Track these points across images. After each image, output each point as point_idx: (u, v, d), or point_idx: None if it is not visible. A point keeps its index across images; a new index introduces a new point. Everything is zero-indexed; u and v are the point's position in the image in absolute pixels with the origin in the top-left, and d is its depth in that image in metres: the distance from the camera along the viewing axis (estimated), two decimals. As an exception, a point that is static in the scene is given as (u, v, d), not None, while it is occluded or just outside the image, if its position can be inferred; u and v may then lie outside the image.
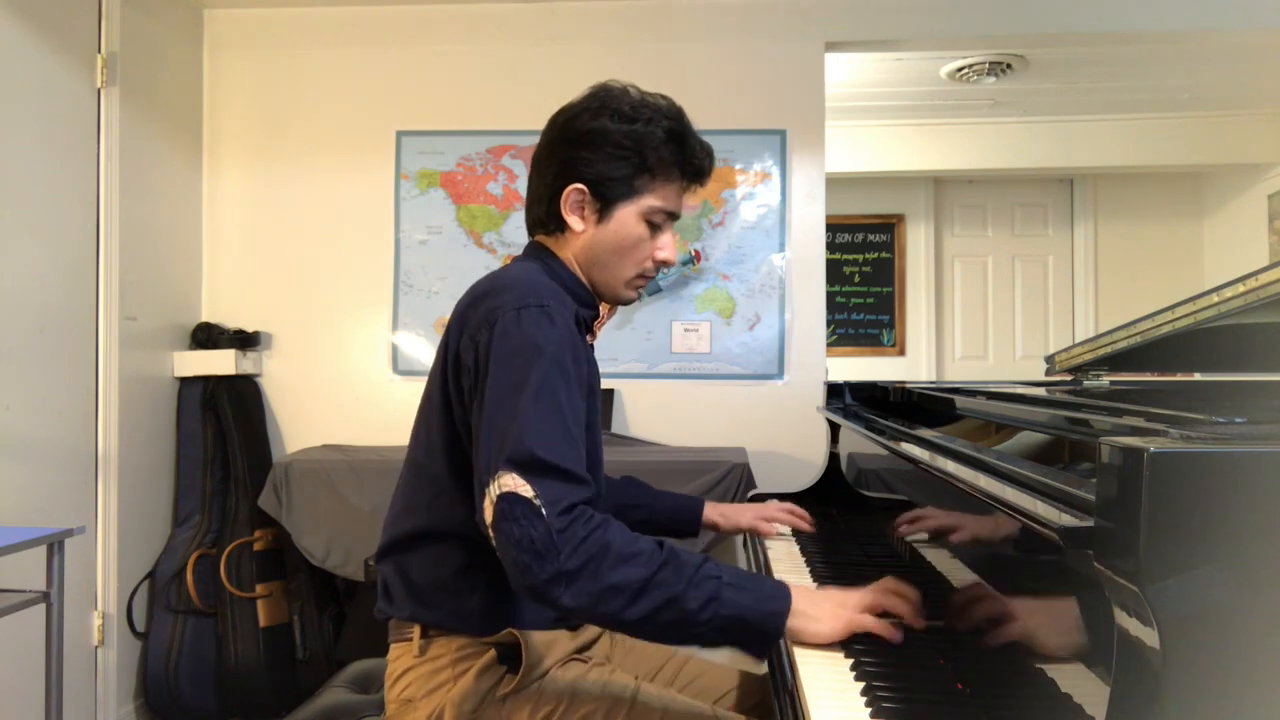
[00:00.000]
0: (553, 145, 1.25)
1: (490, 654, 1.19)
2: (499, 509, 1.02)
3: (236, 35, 3.10)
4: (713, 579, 1.03)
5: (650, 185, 1.24)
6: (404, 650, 1.22)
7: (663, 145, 1.22)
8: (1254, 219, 4.65)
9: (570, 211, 1.24)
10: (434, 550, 1.20)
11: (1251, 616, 0.64)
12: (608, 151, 1.21)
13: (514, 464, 1.03)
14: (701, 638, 1.04)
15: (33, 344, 2.33)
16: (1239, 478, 0.65)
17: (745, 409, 2.95)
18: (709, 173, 1.29)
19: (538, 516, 1.00)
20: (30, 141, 2.33)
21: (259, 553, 2.80)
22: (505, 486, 1.02)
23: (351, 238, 3.06)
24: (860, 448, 1.77)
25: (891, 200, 5.20)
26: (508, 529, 1.01)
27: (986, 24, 2.97)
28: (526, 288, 1.16)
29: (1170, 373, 2.00)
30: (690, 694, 1.34)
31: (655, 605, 1.01)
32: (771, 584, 1.09)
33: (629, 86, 1.26)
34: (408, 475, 1.26)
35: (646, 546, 1.04)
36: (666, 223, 1.27)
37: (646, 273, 1.29)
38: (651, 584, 1.01)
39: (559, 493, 1.02)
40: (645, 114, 1.22)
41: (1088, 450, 0.92)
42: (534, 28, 3.03)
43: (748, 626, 1.04)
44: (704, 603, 1.02)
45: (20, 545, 1.73)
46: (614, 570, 1.01)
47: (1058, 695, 0.79)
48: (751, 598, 1.04)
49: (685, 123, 1.26)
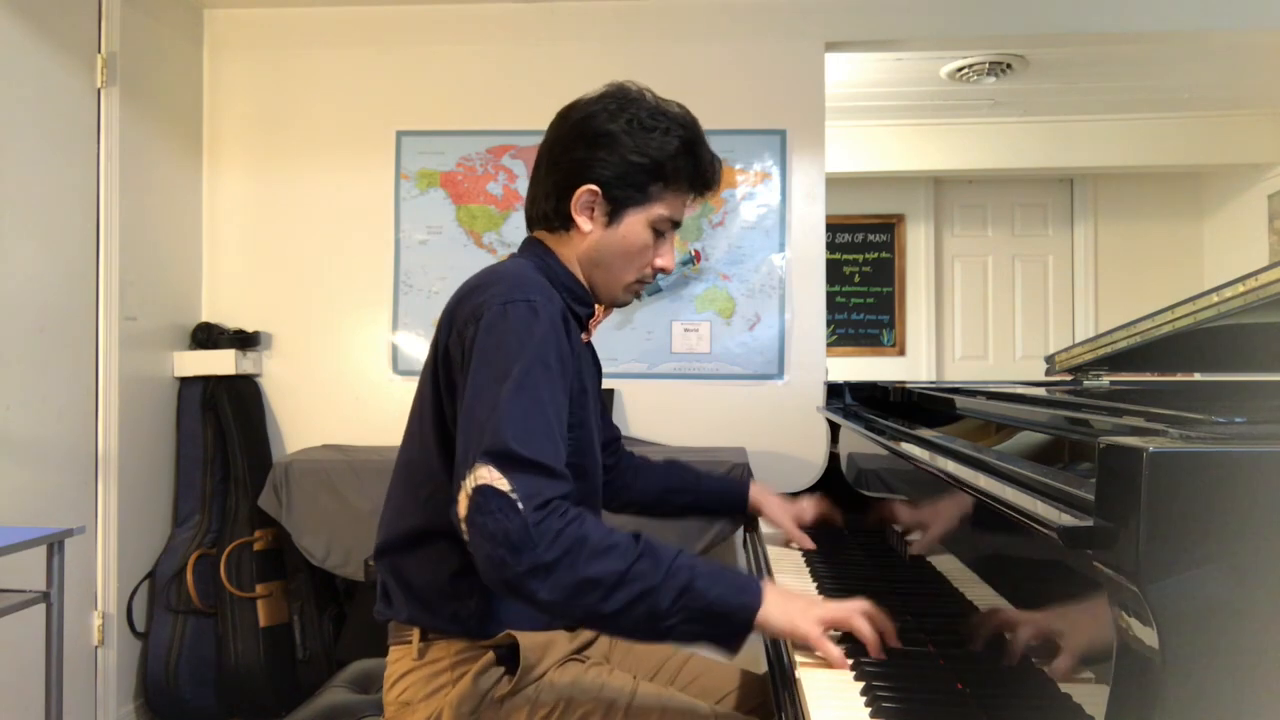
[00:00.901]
0: (567, 142, 1.24)
1: (488, 656, 1.19)
2: (474, 502, 1.02)
3: (236, 35, 3.10)
4: (685, 569, 1.03)
5: (662, 194, 1.24)
6: (403, 653, 1.22)
7: (679, 156, 1.22)
8: (1254, 219, 4.65)
9: (580, 211, 1.23)
10: (430, 551, 1.20)
11: (1251, 616, 0.64)
12: (625, 156, 1.20)
13: (491, 456, 1.02)
14: (674, 631, 1.03)
15: (33, 344, 2.33)
16: (1238, 477, 0.65)
17: (745, 409, 2.95)
18: (716, 185, 1.29)
19: (514, 510, 1.00)
20: (30, 141, 2.33)
21: (259, 553, 2.80)
22: (481, 479, 1.02)
23: (351, 238, 3.06)
24: (860, 448, 1.77)
25: (891, 200, 5.20)
26: (482, 522, 1.00)
27: (986, 24, 2.97)
28: (513, 283, 1.16)
29: (1170, 373, 2.00)
30: (690, 694, 1.33)
31: (631, 598, 1.00)
32: (744, 578, 1.08)
33: (645, 90, 1.25)
34: (401, 473, 1.25)
35: (622, 540, 1.04)
36: (670, 231, 1.28)
37: (645, 278, 1.29)
38: (628, 577, 1.01)
39: (535, 487, 1.02)
40: (664, 123, 1.22)
41: (1088, 450, 0.92)
42: (534, 28, 3.03)
43: (717, 618, 1.03)
44: (677, 594, 1.01)
45: (20, 545, 1.73)
46: (590, 563, 1.00)
47: (1058, 695, 0.79)
48: (722, 588, 1.04)
49: (699, 134, 1.26)
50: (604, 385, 2.92)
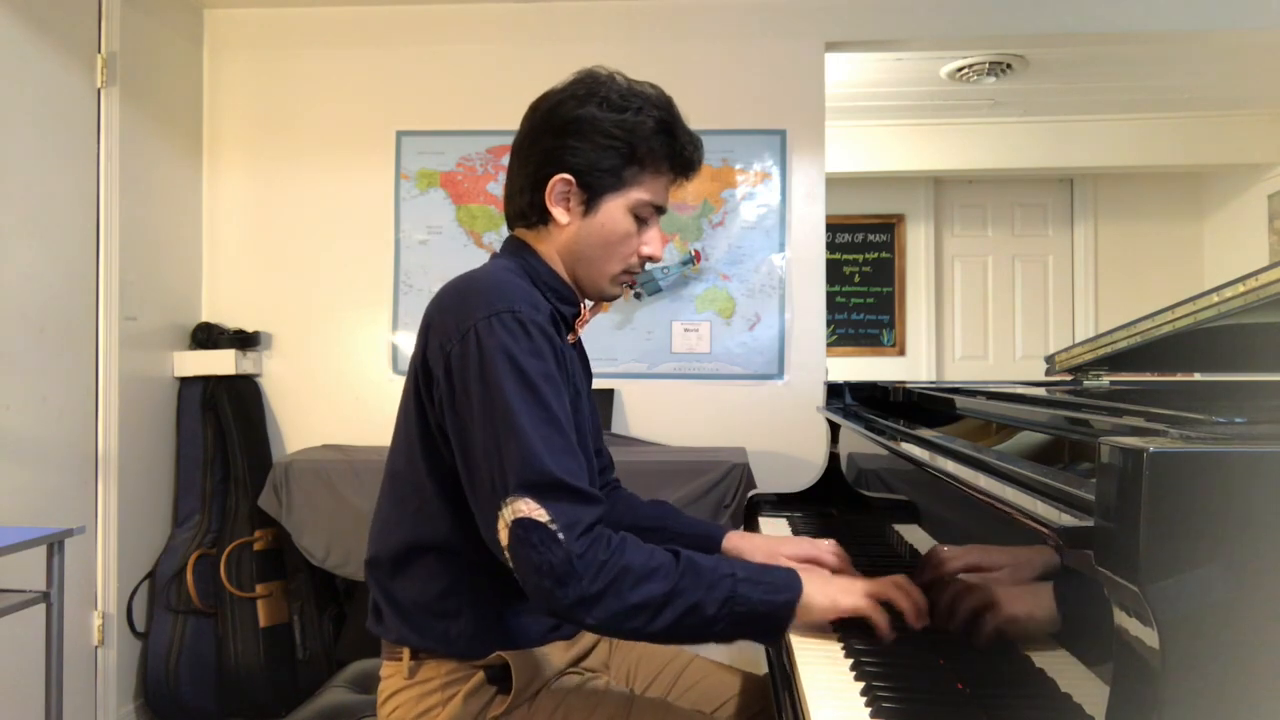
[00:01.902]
0: (536, 133, 1.20)
1: (478, 676, 1.16)
2: (514, 535, 1.01)
3: (236, 35, 3.10)
4: (727, 577, 1.05)
5: (639, 178, 1.18)
6: (395, 670, 1.20)
7: (653, 136, 1.17)
8: (1254, 219, 4.65)
9: (555, 203, 1.19)
10: (418, 568, 1.17)
11: (1251, 616, 0.64)
12: (596, 141, 1.15)
13: (525, 488, 1.01)
14: (719, 635, 1.06)
15: (33, 344, 2.33)
16: (1238, 478, 0.65)
17: (745, 409, 2.95)
18: (698, 166, 1.24)
19: (555, 542, 0.99)
20: (30, 141, 2.33)
21: (259, 553, 2.80)
22: (520, 512, 1.01)
23: (351, 238, 3.06)
24: (860, 448, 1.77)
25: (891, 200, 5.20)
26: (525, 555, 1.00)
27: (986, 24, 2.97)
28: (495, 293, 1.11)
29: (1170, 373, 1.99)
30: (689, 700, 1.32)
31: (677, 615, 1.02)
32: (783, 574, 1.10)
33: (615, 73, 1.20)
34: (389, 485, 1.22)
35: (664, 560, 1.04)
36: (653, 217, 1.23)
37: (632, 269, 1.24)
38: (673, 596, 1.02)
39: (574, 515, 1.01)
40: (635, 103, 1.17)
41: (1088, 450, 0.92)
42: (534, 28, 3.02)
43: (761, 618, 1.06)
44: (722, 603, 1.03)
45: (20, 545, 1.73)
46: (635, 590, 1.01)
47: (1058, 695, 0.79)
48: (764, 590, 1.06)
49: (675, 113, 1.20)
50: (604, 385, 2.95)
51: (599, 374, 3.02)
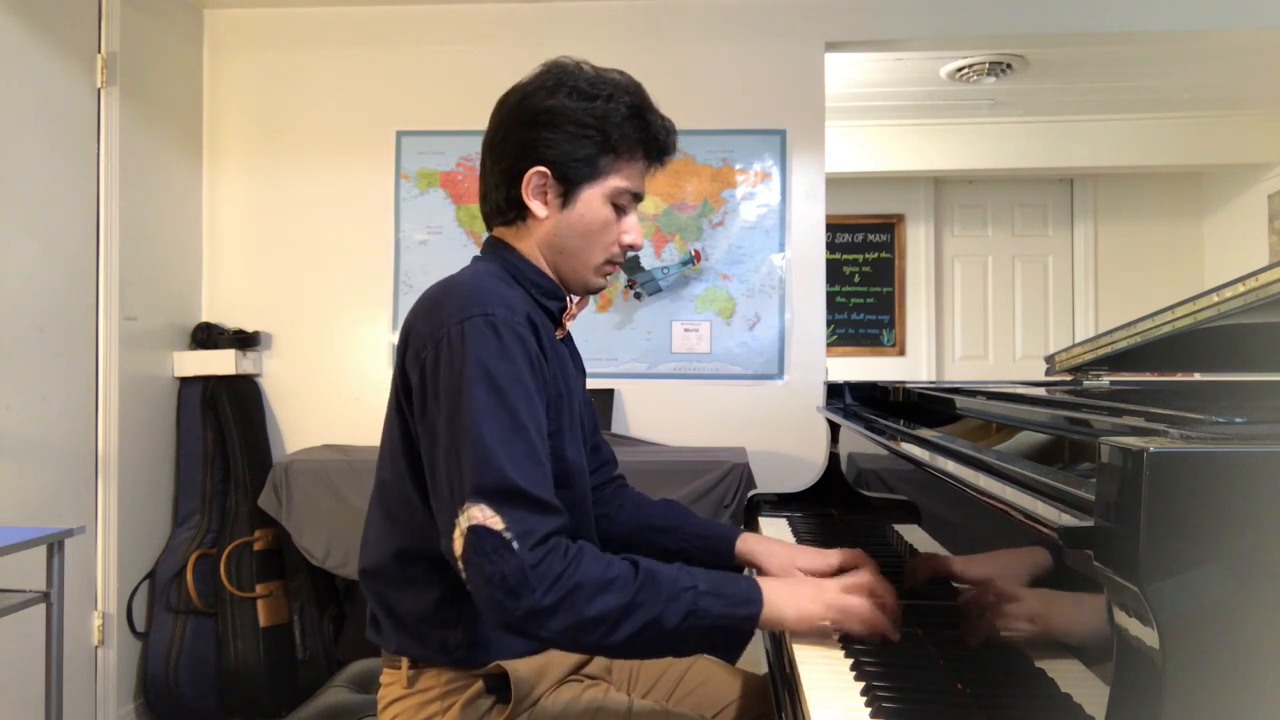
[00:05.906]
0: (507, 127, 1.18)
1: (477, 686, 1.16)
2: (469, 542, 0.98)
3: (236, 35, 3.10)
4: (688, 590, 1.02)
5: (615, 165, 1.17)
6: (394, 679, 1.19)
7: (625, 122, 1.16)
8: (1254, 219, 4.65)
9: (532, 196, 1.17)
10: (413, 577, 1.16)
11: (1251, 616, 0.64)
12: (569, 131, 1.14)
13: (480, 494, 0.99)
14: (679, 649, 1.05)
15: (33, 344, 2.33)
16: (1238, 478, 0.65)
17: (745, 409, 2.95)
18: (672, 151, 1.23)
19: (509, 551, 0.97)
20: (30, 141, 2.33)
21: (259, 553, 2.80)
22: (474, 519, 0.98)
23: (351, 238, 3.06)
24: (860, 448, 1.77)
25: (891, 200, 5.20)
26: (478, 563, 0.98)
27: (986, 24, 2.97)
28: (469, 297, 1.09)
29: (1170, 373, 1.99)
30: (690, 704, 1.31)
31: (636, 628, 1.00)
32: (746, 585, 1.07)
33: (582, 62, 1.19)
34: (378, 495, 1.21)
35: (621, 571, 1.02)
36: (631, 205, 1.21)
37: (614, 258, 1.22)
38: (630, 609, 1.00)
39: (530, 524, 0.99)
40: (605, 90, 1.15)
41: (1088, 450, 0.92)
42: (534, 28, 3.02)
43: (723, 632, 1.04)
44: (682, 617, 1.01)
45: (20, 545, 1.73)
46: (591, 602, 0.98)
47: (1058, 695, 0.79)
48: (725, 603, 1.03)
49: (646, 98, 1.19)
50: (604, 385, 2.95)
51: (599, 374, 3.04)
